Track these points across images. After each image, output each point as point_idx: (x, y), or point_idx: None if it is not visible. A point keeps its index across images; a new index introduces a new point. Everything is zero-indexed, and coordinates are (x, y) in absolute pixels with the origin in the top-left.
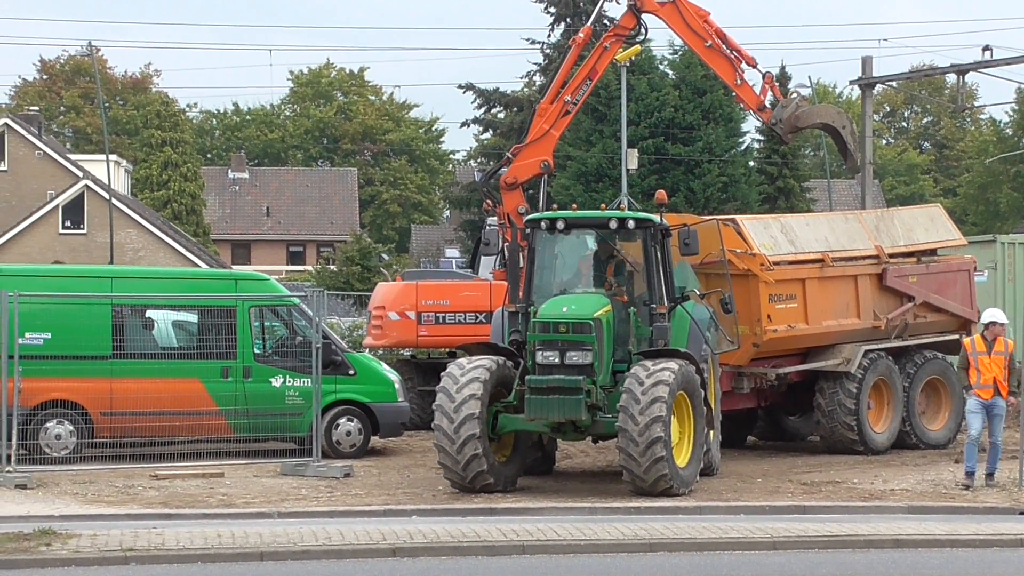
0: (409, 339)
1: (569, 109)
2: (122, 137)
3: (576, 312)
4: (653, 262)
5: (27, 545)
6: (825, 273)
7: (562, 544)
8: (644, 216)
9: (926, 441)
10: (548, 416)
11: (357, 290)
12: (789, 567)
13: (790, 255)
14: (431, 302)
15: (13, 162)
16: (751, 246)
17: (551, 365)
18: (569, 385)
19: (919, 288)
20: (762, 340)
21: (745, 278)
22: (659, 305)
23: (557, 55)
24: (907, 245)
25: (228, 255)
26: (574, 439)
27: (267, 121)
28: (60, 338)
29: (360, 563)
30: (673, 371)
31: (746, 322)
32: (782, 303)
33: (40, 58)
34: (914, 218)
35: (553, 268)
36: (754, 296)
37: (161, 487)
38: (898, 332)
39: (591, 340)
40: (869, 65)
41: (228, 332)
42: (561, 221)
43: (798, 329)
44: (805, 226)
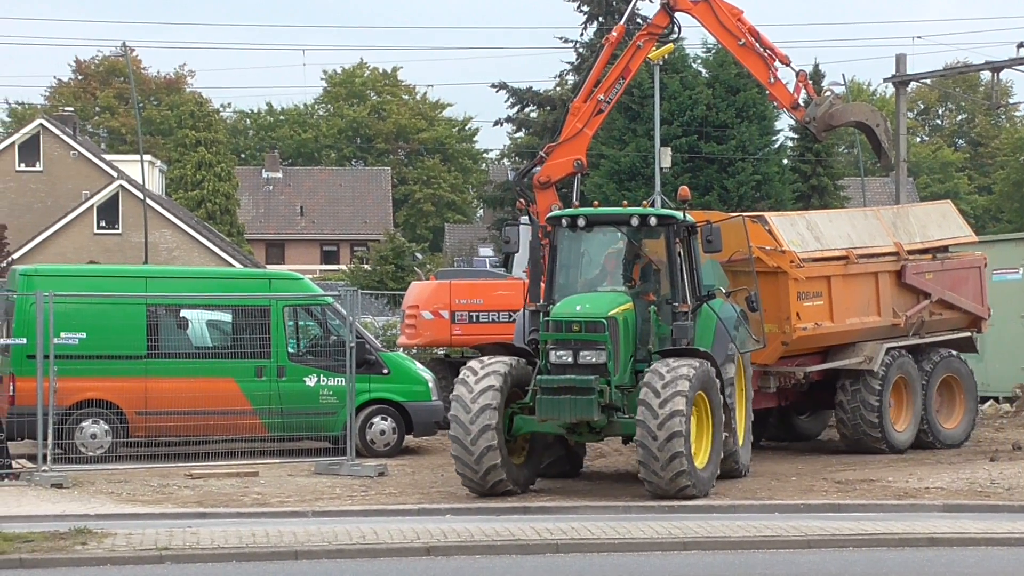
0: (443, 338)
1: (602, 108)
2: (156, 137)
3: (589, 311)
4: (676, 259)
5: (63, 544)
6: (849, 270)
7: (596, 543)
8: (666, 213)
9: (942, 440)
10: (560, 417)
11: (391, 289)
12: (823, 566)
13: (817, 252)
14: (464, 301)
15: (48, 163)
16: (780, 243)
17: (564, 365)
18: (581, 385)
19: (935, 285)
20: (791, 338)
21: (774, 275)
22: (682, 304)
23: (590, 54)
24: (923, 241)
25: (262, 255)
26: (590, 440)
27: (301, 121)
28: (95, 338)
29: (394, 562)
30: (694, 368)
31: (774, 320)
32: (809, 301)
33: (75, 59)
34: (927, 214)
35: (575, 266)
36: (783, 294)
37: (196, 486)
38: (915, 329)
39: (604, 339)
40: (903, 63)
41: (262, 331)
42: (582, 218)
43: (824, 327)
44: (828, 223)
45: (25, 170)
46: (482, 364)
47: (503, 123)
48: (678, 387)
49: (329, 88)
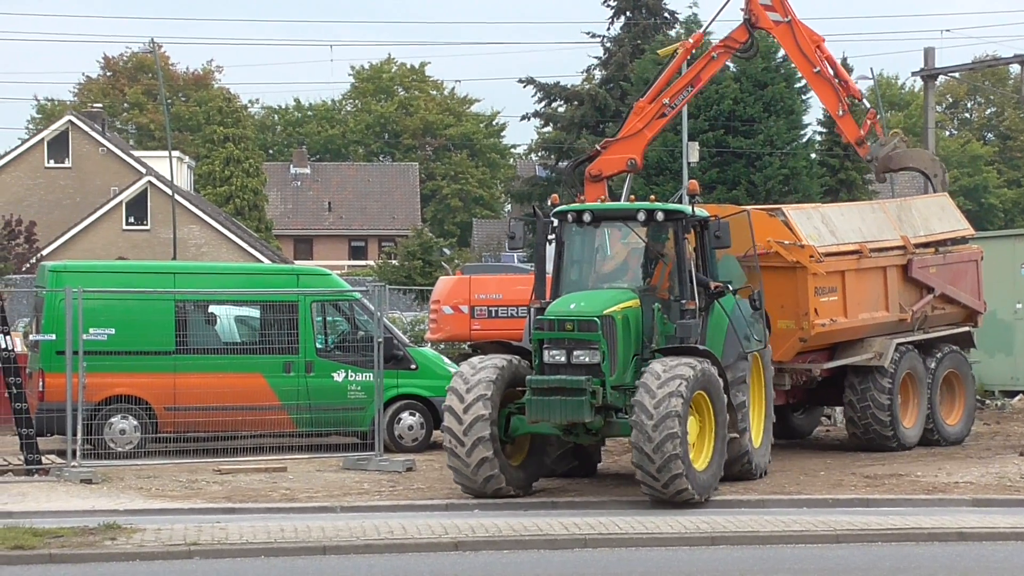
0: (462, 333)
1: (666, 112)
2: (184, 133)
3: (583, 309)
4: (684, 255)
5: (92, 539)
6: (862, 265)
7: (624, 537)
8: (674, 207)
9: (945, 436)
10: (550, 418)
11: (419, 285)
12: (852, 560)
13: (833, 246)
14: (483, 296)
15: (77, 159)
16: (799, 237)
17: (558, 364)
18: (571, 386)
19: (938, 279)
20: (809, 335)
21: (791, 271)
22: (688, 300)
23: (617, 48)
24: (927, 235)
25: (290, 250)
26: (586, 441)
27: (328, 116)
28: (124, 334)
29: (423, 557)
30: (692, 368)
31: (791, 316)
32: (825, 296)
33: (103, 55)
34: (928, 207)
35: (581, 262)
36: (801, 289)
37: (224, 481)
38: (919, 325)
39: (597, 339)
40: (932, 56)
41: (290, 327)
42: (588, 213)
43: (839, 323)
44: (841, 216)
45: (54, 166)
46: (473, 369)
47: (530, 118)
48: (674, 387)
49: (357, 84)
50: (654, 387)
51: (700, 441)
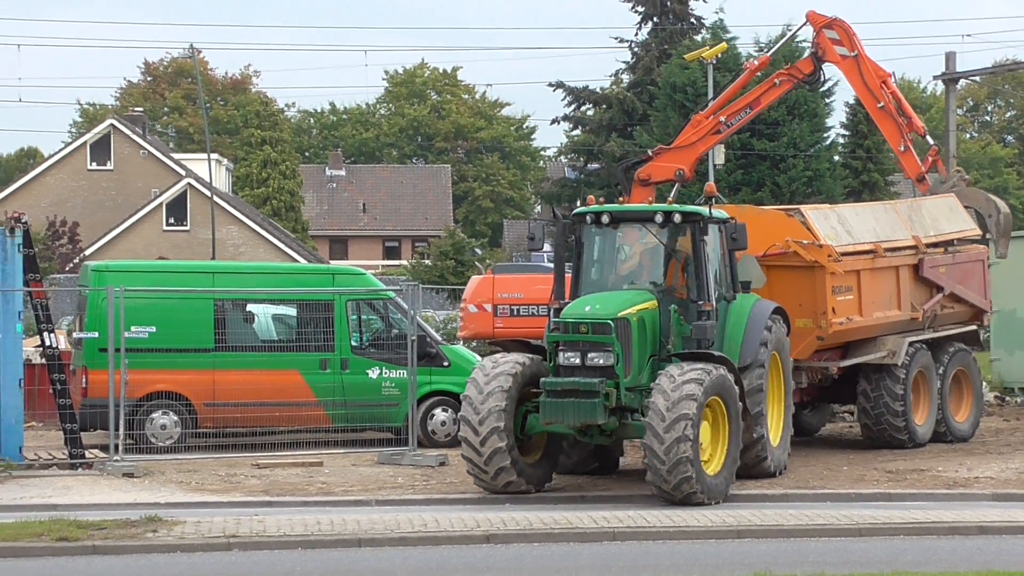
0: (486, 331)
1: (721, 129)
2: (223, 136)
3: (598, 312)
4: (702, 257)
5: (134, 531)
6: (876, 264)
7: (652, 531)
8: (691, 209)
9: (954, 433)
10: (563, 420)
11: (451, 284)
12: (874, 554)
13: (849, 246)
14: (506, 295)
15: (119, 161)
16: (818, 237)
17: (573, 366)
18: (585, 388)
19: (947, 279)
20: (827, 333)
21: (809, 270)
22: (705, 302)
23: (645, 53)
24: (936, 235)
25: (326, 250)
26: (601, 442)
27: (363, 120)
28: (164, 332)
29: (455, 549)
30: (707, 374)
31: (809, 315)
32: (842, 295)
33: (144, 61)
34: (937, 208)
35: (599, 263)
36: (820, 288)
37: (262, 476)
38: (929, 323)
39: (611, 341)
40: (953, 60)
41: (326, 325)
42: (606, 215)
43: (855, 321)
44: (856, 216)
45: (96, 169)
46: (494, 364)
47: (560, 121)
48: (687, 392)
49: (390, 88)
50: (668, 390)
51: (714, 446)
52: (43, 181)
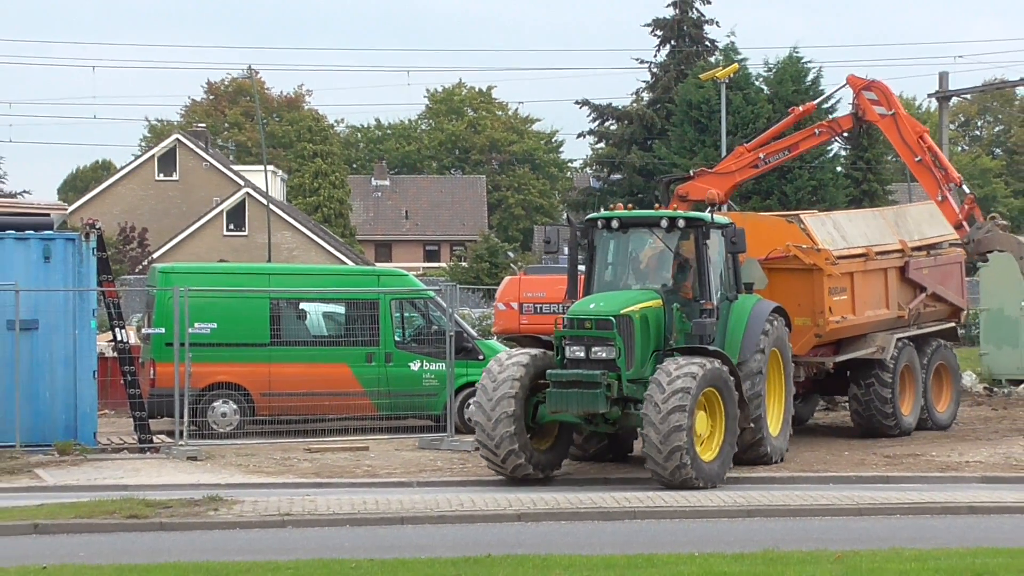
0: (513, 326)
1: (759, 164)
2: (278, 150)
3: (602, 309)
4: (704, 259)
5: (197, 510)
6: (868, 266)
7: (669, 510)
8: (694, 215)
9: (936, 422)
10: (568, 409)
11: (486, 284)
12: (873, 531)
13: (844, 250)
14: (531, 294)
15: (184, 173)
16: (816, 242)
17: (578, 360)
18: (587, 379)
19: (930, 279)
20: (824, 331)
21: (808, 272)
22: (706, 301)
23: (663, 73)
24: (920, 239)
25: (372, 254)
26: (606, 430)
27: (405, 134)
28: (225, 328)
29: (489, 527)
30: (701, 367)
31: (808, 314)
32: (837, 295)
33: (207, 81)
34: (920, 213)
35: (610, 265)
36: (817, 289)
37: (314, 459)
38: (913, 321)
39: (612, 336)
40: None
41: (372, 322)
42: (616, 220)
43: (849, 320)
44: (848, 222)
45: (163, 179)
46: (507, 356)
47: (585, 135)
48: (682, 384)
49: (431, 105)
50: (664, 383)
51: (711, 433)
52: (115, 191)
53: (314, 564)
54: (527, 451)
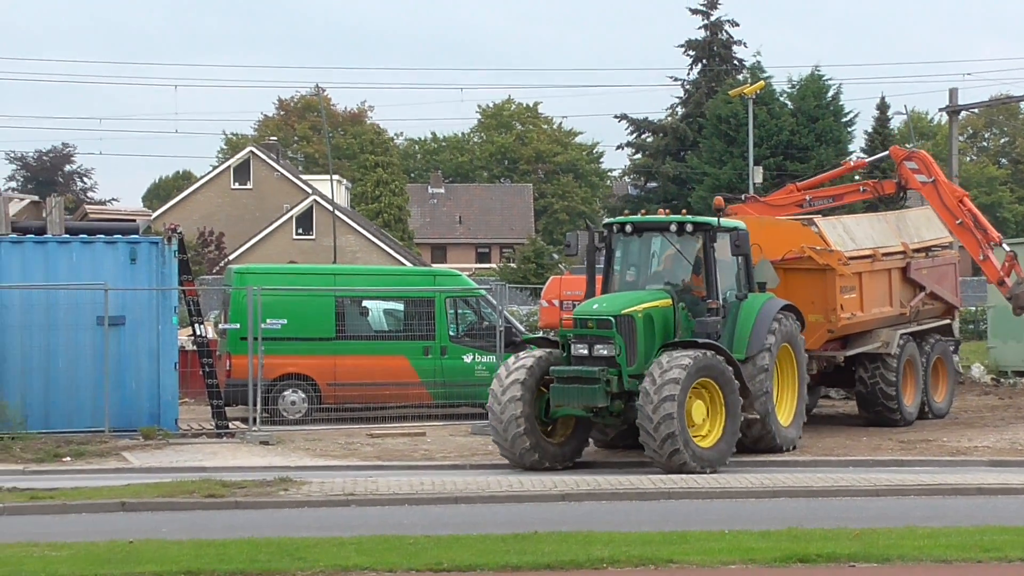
0: (554, 323)
1: (804, 204)
2: (343, 161)
3: (604, 309)
4: (711, 261)
5: (269, 490)
6: (874, 267)
7: (701, 491)
8: (702, 220)
9: (935, 411)
10: (569, 403)
11: (532, 284)
12: (889, 510)
13: (854, 251)
14: (570, 292)
15: (257, 182)
16: (829, 243)
17: (582, 356)
18: (587, 375)
19: (928, 279)
20: (836, 327)
21: (821, 272)
22: (712, 300)
23: (695, 90)
24: (920, 242)
25: (428, 256)
26: (611, 423)
27: (459, 146)
28: (294, 323)
29: (536, 506)
30: (692, 358)
31: (820, 311)
32: (848, 294)
33: (278, 98)
34: (919, 218)
35: (625, 267)
36: (830, 288)
37: (375, 444)
38: (913, 318)
39: (612, 335)
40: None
41: (428, 318)
42: (630, 225)
43: (857, 317)
44: (856, 225)
45: (238, 188)
46: (516, 359)
47: (624, 147)
48: (672, 376)
49: (482, 119)
50: (656, 375)
51: (711, 421)
52: (195, 198)
53: (375, 540)
54: (537, 443)
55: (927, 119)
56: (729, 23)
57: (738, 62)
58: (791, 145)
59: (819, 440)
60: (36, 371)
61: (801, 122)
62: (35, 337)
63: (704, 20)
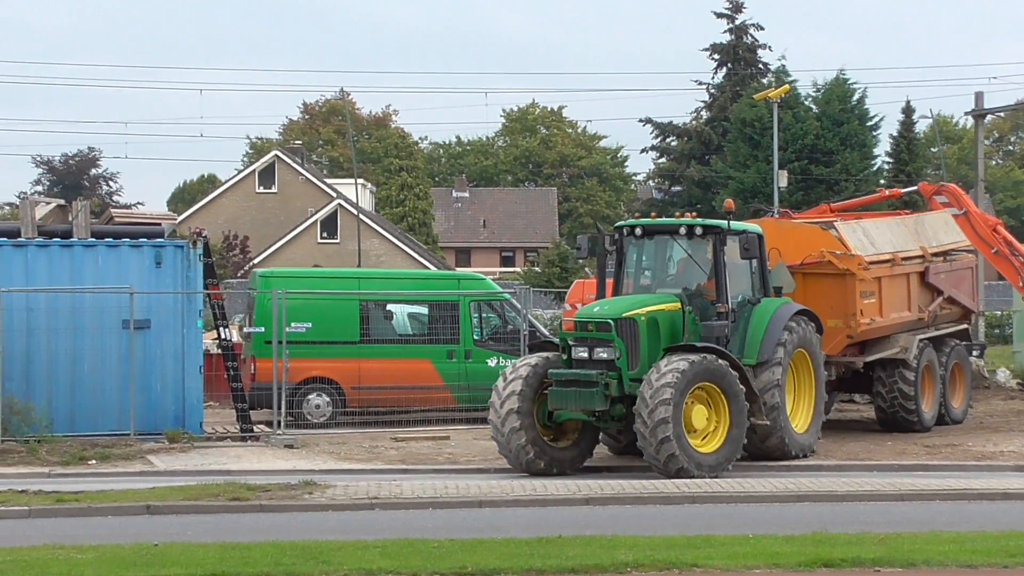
0: None
1: None
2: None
3: (604, 312)
4: (721, 265)
5: (293, 493)
6: (894, 271)
7: (725, 495)
8: (711, 223)
9: (952, 417)
10: (567, 406)
11: (556, 287)
12: (913, 515)
13: (874, 256)
14: (592, 296)
15: (282, 185)
16: (849, 248)
17: (582, 360)
18: (585, 379)
19: (946, 283)
20: (856, 332)
21: (841, 277)
22: (721, 304)
23: (720, 94)
24: (938, 246)
25: (452, 259)
26: (612, 427)
27: (483, 150)
28: (318, 327)
29: (560, 510)
30: (690, 362)
31: (840, 316)
32: (867, 299)
33: (303, 102)
34: (936, 221)
35: (636, 270)
36: (850, 293)
37: (399, 447)
38: (931, 322)
39: (611, 338)
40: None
41: (452, 322)
42: (640, 228)
43: (877, 322)
44: (875, 229)
45: (263, 192)
46: (513, 368)
47: (648, 151)
48: (667, 380)
49: (507, 123)
50: (653, 380)
51: (712, 425)
52: (220, 202)
53: (400, 543)
54: (542, 451)
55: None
56: (754, 27)
57: (763, 66)
58: (816, 149)
59: (843, 444)
60: (62, 374)
61: (826, 126)
62: (61, 340)
63: (729, 24)
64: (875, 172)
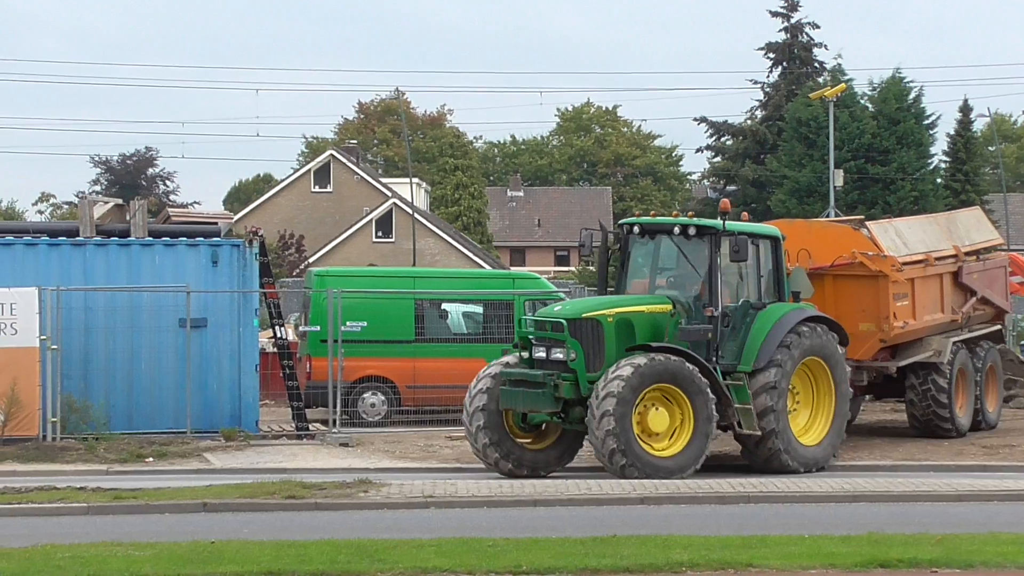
0: None
1: None
2: (422, 164)
3: (562, 312)
4: (715, 266)
5: (349, 492)
6: (927, 272)
7: (781, 495)
8: (706, 223)
9: (988, 422)
10: (515, 406)
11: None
12: (971, 516)
13: (907, 256)
14: None
15: (337, 185)
16: (882, 249)
17: (541, 360)
18: (532, 379)
19: (979, 283)
20: (889, 336)
21: (873, 279)
22: (709, 307)
23: (775, 93)
24: (970, 245)
25: (507, 259)
26: (578, 428)
27: (538, 150)
28: (374, 326)
29: (615, 509)
30: (636, 365)
31: (872, 319)
32: (900, 301)
33: (358, 101)
34: (968, 220)
35: (635, 268)
36: (883, 295)
37: (454, 446)
38: (965, 324)
39: (564, 338)
40: None
41: (507, 321)
42: (637, 226)
43: (910, 325)
44: (908, 229)
45: (318, 191)
46: (487, 368)
47: (703, 150)
48: (611, 388)
49: (561, 123)
50: (600, 387)
51: (675, 427)
52: (275, 201)
53: (454, 542)
54: (509, 452)
55: (1011, 121)
56: (809, 25)
57: (818, 64)
58: (872, 148)
59: (900, 445)
60: (120, 372)
61: (882, 125)
62: (119, 339)
63: (784, 22)
64: (931, 171)
